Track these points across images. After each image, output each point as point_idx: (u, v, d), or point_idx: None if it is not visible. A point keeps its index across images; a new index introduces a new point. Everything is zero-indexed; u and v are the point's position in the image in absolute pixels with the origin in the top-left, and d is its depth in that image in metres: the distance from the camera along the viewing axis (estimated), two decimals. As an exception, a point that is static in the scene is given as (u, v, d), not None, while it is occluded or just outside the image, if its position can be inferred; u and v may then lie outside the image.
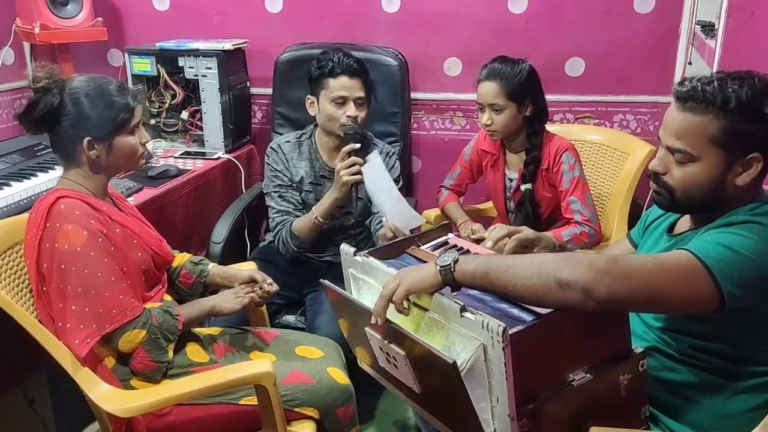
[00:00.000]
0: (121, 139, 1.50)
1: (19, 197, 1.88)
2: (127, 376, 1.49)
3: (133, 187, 2.10)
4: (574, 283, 1.04)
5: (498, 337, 1.01)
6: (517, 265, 1.09)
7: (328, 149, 2.18)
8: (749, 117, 1.12)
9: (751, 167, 1.16)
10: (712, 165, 1.16)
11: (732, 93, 1.13)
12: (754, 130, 1.13)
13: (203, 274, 1.76)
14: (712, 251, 1.08)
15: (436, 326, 1.16)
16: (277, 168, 2.17)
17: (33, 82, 1.44)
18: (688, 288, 1.08)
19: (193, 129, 2.66)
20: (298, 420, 1.56)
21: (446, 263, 1.12)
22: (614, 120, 2.61)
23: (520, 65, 2.03)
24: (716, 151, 1.15)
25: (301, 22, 2.74)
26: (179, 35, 2.78)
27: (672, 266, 1.08)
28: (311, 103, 2.12)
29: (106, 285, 1.41)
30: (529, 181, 2.10)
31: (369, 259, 1.34)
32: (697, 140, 1.15)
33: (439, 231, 1.54)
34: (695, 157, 1.17)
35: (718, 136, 1.14)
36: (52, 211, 1.42)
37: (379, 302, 1.16)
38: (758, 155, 1.14)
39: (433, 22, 2.64)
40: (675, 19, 2.44)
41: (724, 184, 1.17)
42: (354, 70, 2.04)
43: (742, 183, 1.17)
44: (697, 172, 1.17)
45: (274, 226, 2.14)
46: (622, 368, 1.18)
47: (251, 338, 1.75)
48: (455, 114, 2.75)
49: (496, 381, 1.06)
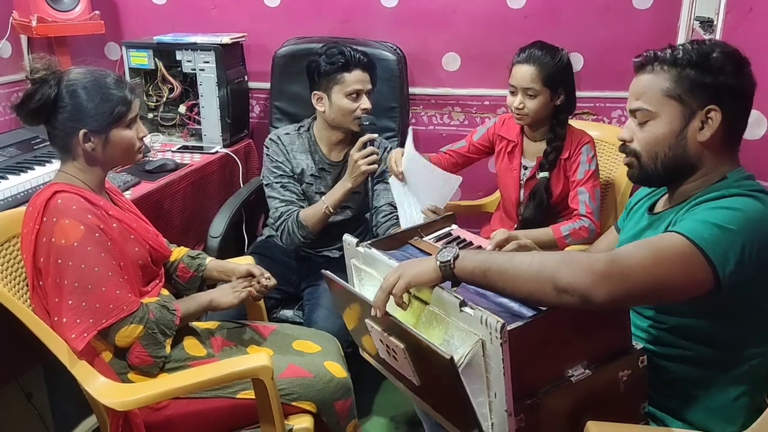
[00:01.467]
0: (118, 133, 1.49)
1: (16, 190, 1.87)
2: (125, 369, 1.49)
3: (131, 180, 2.10)
4: (571, 290, 1.04)
5: (496, 333, 1.01)
6: (516, 266, 1.09)
7: (330, 143, 2.18)
8: (700, 67, 1.17)
9: (710, 121, 1.17)
10: (670, 119, 1.19)
11: (680, 48, 1.20)
12: (705, 80, 1.16)
13: (201, 268, 1.76)
14: (704, 231, 1.08)
15: (435, 320, 1.16)
16: (278, 159, 2.16)
17: (31, 73, 1.44)
18: (686, 274, 1.08)
19: (191, 123, 2.65)
20: (295, 414, 1.56)
21: (446, 259, 1.13)
22: (612, 116, 2.61)
23: (560, 53, 2.02)
24: (672, 104, 1.19)
25: (299, 17, 2.73)
26: (177, 29, 2.78)
27: (667, 254, 1.07)
28: (319, 99, 2.10)
29: (103, 280, 1.41)
30: (548, 170, 2.09)
31: (371, 251, 1.34)
32: (653, 96, 1.20)
33: (442, 222, 1.54)
34: (653, 113, 1.21)
35: (672, 88, 1.18)
36: (49, 206, 1.42)
37: (379, 295, 1.16)
38: (715, 107, 1.16)
39: (431, 17, 2.63)
40: (673, 15, 2.44)
41: (685, 141, 1.20)
42: (365, 63, 2.07)
43: (704, 138, 1.18)
44: (657, 129, 1.21)
45: (278, 217, 2.12)
46: (622, 364, 1.18)
47: (249, 332, 1.75)
48: (453, 109, 2.75)
49: (494, 376, 1.06)
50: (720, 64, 1.17)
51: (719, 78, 1.16)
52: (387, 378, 1.41)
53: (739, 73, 1.18)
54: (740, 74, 1.18)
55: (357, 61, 2.05)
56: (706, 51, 1.18)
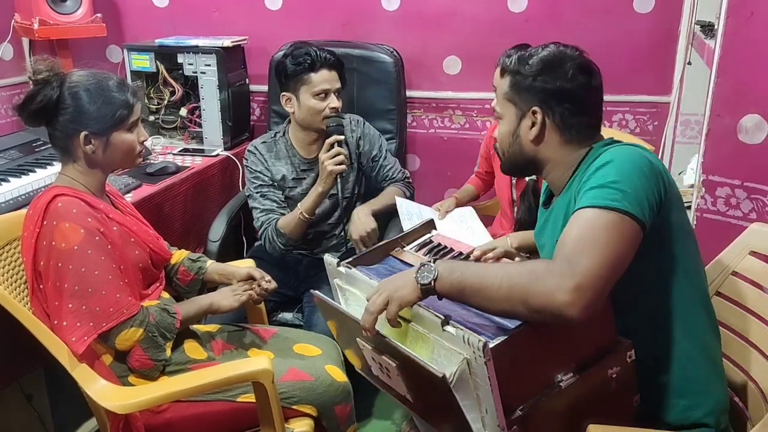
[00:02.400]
0: (119, 136, 1.49)
1: (17, 193, 1.87)
2: (125, 372, 1.49)
3: (132, 183, 2.10)
4: (544, 311, 1.04)
5: (479, 352, 1.01)
6: (487, 287, 1.09)
7: (306, 144, 2.20)
8: (520, 73, 1.28)
9: (535, 121, 1.27)
10: (509, 120, 1.32)
11: (513, 55, 1.32)
12: (529, 83, 1.27)
13: (201, 271, 1.76)
14: (605, 195, 1.12)
15: (420, 338, 1.16)
16: (257, 169, 2.17)
17: (33, 74, 1.44)
18: (624, 241, 1.09)
19: (192, 126, 2.66)
20: (295, 417, 1.56)
21: (426, 282, 1.13)
22: (613, 120, 2.61)
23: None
24: (510, 107, 1.32)
25: (300, 20, 2.74)
26: (178, 32, 2.78)
27: (603, 233, 1.08)
28: (287, 100, 2.12)
29: (103, 283, 1.41)
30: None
31: (351, 271, 1.35)
32: (499, 99, 1.34)
33: (422, 230, 1.54)
34: (500, 114, 1.34)
35: (509, 92, 1.31)
36: (50, 209, 1.42)
37: (366, 318, 1.17)
38: (537, 108, 1.27)
39: (432, 21, 2.64)
40: (674, 19, 2.44)
41: (519, 139, 1.31)
42: (332, 62, 2.07)
43: (532, 137, 1.29)
44: (502, 129, 1.34)
45: (260, 226, 2.15)
46: (610, 362, 1.17)
47: (249, 335, 1.74)
48: (454, 113, 2.75)
49: (483, 393, 1.06)
50: (536, 69, 1.27)
51: (536, 82, 1.26)
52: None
53: (558, 76, 1.26)
54: (559, 76, 1.26)
55: (323, 60, 2.05)
56: (526, 57, 1.29)
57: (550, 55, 1.28)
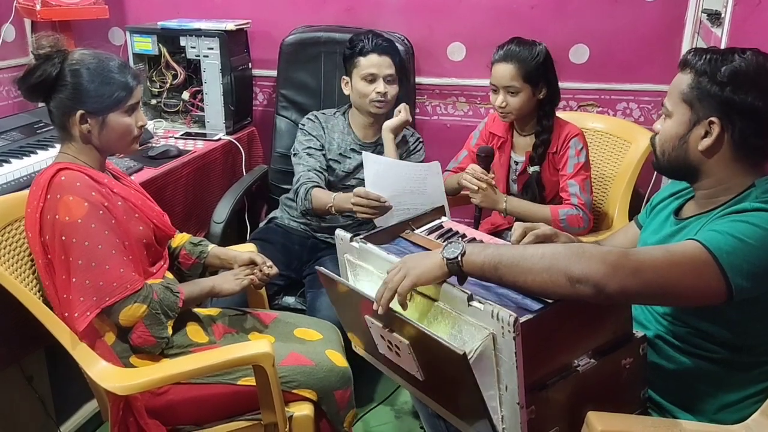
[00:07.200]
0: (116, 118, 1.48)
1: (19, 174, 1.87)
2: (127, 353, 1.49)
3: (134, 166, 2.09)
4: (585, 280, 1.04)
5: (509, 327, 1.01)
6: (527, 258, 1.09)
7: (362, 126, 2.24)
8: (709, 77, 1.18)
9: (710, 132, 1.19)
10: (680, 122, 1.23)
11: (705, 55, 1.20)
12: (712, 91, 1.18)
13: (203, 255, 1.76)
14: (722, 242, 1.09)
15: (441, 314, 1.16)
16: (312, 133, 2.21)
17: (36, 48, 1.43)
18: (698, 281, 1.08)
19: (194, 110, 2.65)
20: (295, 401, 1.56)
21: (453, 256, 1.12)
22: (617, 108, 2.60)
23: (537, 47, 2.02)
24: (684, 108, 1.22)
25: (304, 5, 2.72)
26: (181, 14, 2.76)
27: (682, 259, 1.08)
28: (345, 83, 2.20)
29: (107, 258, 1.41)
30: (538, 164, 2.09)
31: (367, 245, 1.33)
32: (673, 96, 1.24)
33: (432, 214, 1.54)
34: (670, 112, 1.25)
35: (687, 93, 1.21)
36: (53, 183, 1.41)
37: (385, 294, 1.16)
38: (716, 119, 1.18)
39: (437, 7, 2.62)
40: (681, 8, 2.43)
41: (687, 146, 1.23)
42: (383, 48, 2.13)
43: (702, 148, 1.21)
44: (669, 127, 1.25)
45: (297, 179, 2.14)
46: (624, 352, 1.18)
47: (250, 320, 1.75)
48: (458, 99, 2.74)
49: (505, 369, 1.06)
50: (729, 78, 1.16)
51: (725, 92, 1.16)
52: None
53: (750, 90, 1.15)
54: (752, 91, 1.15)
55: (374, 45, 2.12)
56: (721, 62, 1.18)
57: (748, 65, 1.17)
